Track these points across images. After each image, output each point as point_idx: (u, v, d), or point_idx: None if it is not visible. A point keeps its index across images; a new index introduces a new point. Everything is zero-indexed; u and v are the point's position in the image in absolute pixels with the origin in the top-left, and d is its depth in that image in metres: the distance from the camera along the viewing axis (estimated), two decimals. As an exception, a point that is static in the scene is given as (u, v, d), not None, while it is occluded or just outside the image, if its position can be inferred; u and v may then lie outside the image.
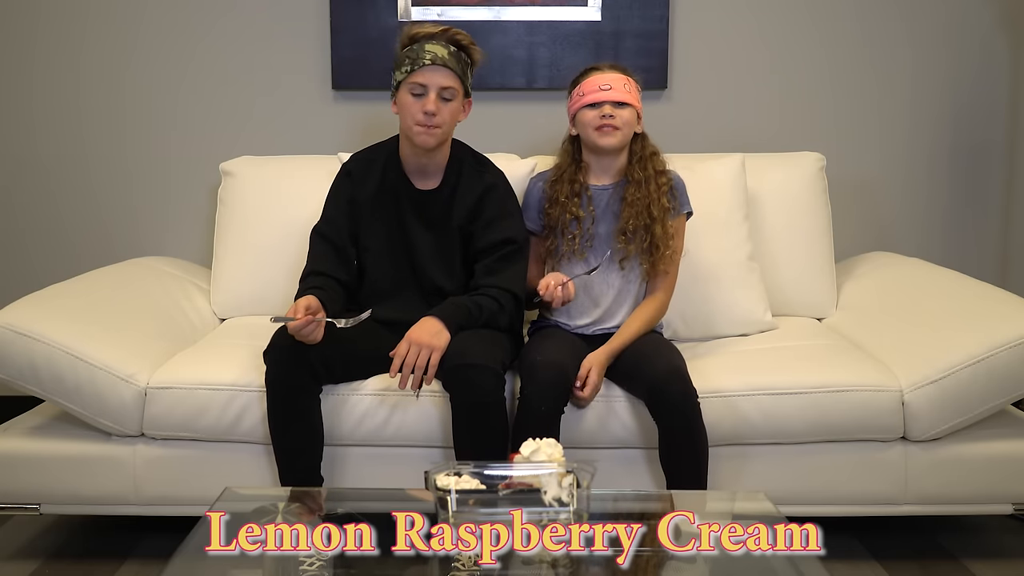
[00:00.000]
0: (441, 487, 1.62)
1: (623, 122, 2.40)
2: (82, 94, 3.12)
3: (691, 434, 2.17)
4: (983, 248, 3.20)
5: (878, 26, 3.11)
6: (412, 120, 2.31)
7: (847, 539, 2.48)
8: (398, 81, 2.33)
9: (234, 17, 3.09)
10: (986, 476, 2.34)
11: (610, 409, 2.29)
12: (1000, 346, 2.28)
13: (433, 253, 2.41)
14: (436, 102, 2.29)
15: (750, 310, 2.67)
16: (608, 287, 2.45)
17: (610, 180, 2.48)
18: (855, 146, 3.15)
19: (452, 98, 2.32)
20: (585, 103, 2.41)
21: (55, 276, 2.76)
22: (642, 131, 2.47)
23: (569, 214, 2.43)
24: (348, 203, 2.42)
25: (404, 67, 2.31)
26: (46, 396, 2.32)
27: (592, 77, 2.42)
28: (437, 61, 2.28)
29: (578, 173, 2.47)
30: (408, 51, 2.31)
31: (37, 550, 2.48)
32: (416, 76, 2.29)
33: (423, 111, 2.29)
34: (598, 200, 2.46)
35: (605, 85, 2.39)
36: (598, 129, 2.40)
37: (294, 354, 2.17)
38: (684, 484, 2.18)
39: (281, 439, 2.21)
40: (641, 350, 2.32)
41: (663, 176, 2.45)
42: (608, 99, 2.38)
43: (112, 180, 3.16)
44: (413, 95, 2.30)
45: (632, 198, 2.42)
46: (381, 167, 2.43)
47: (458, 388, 2.18)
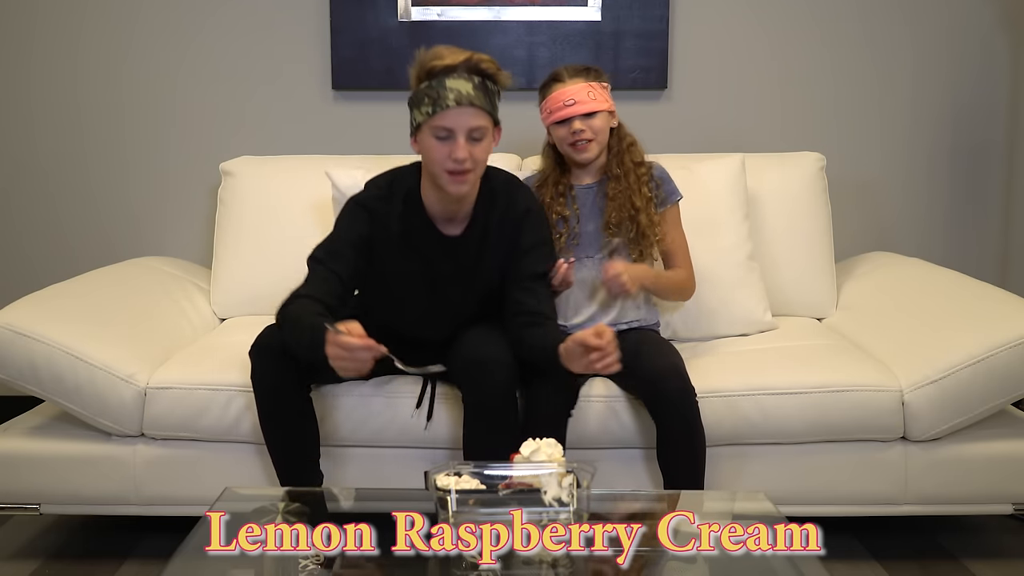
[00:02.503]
0: (441, 487, 1.62)
1: (595, 131, 2.39)
2: (81, 95, 3.12)
3: (689, 432, 2.17)
4: (983, 248, 3.20)
5: (878, 26, 3.11)
6: (440, 167, 2.07)
7: (847, 539, 2.48)
8: (418, 122, 2.07)
9: (234, 17, 3.09)
10: (986, 476, 2.33)
11: (610, 409, 2.29)
12: (1000, 346, 2.28)
13: (465, 293, 2.26)
14: (466, 147, 2.04)
15: (750, 310, 2.67)
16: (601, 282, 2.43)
17: (592, 179, 2.49)
18: (855, 146, 3.15)
19: (483, 137, 2.08)
20: (553, 120, 2.41)
21: (55, 276, 2.76)
22: (617, 124, 2.47)
23: (555, 214, 2.44)
24: (361, 241, 2.16)
25: (425, 107, 2.04)
26: (46, 396, 2.32)
27: (554, 92, 2.40)
28: (463, 101, 2.02)
29: (562, 176, 2.48)
30: (427, 88, 2.03)
31: (37, 550, 2.48)
32: (440, 119, 2.03)
33: (452, 158, 2.05)
34: (583, 199, 2.47)
35: (568, 100, 2.37)
36: (572, 145, 2.40)
37: (280, 353, 2.10)
38: (681, 483, 2.17)
39: (273, 437, 2.19)
40: (640, 347, 2.32)
41: (642, 167, 2.45)
42: (574, 113, 2.37)
43: (112, 180, 3.16)
44: (438, 139, 2.06)
45: (613, 192, 2.43)
46: (400, 210, 2.19)
47: (470, 384, 2.14)
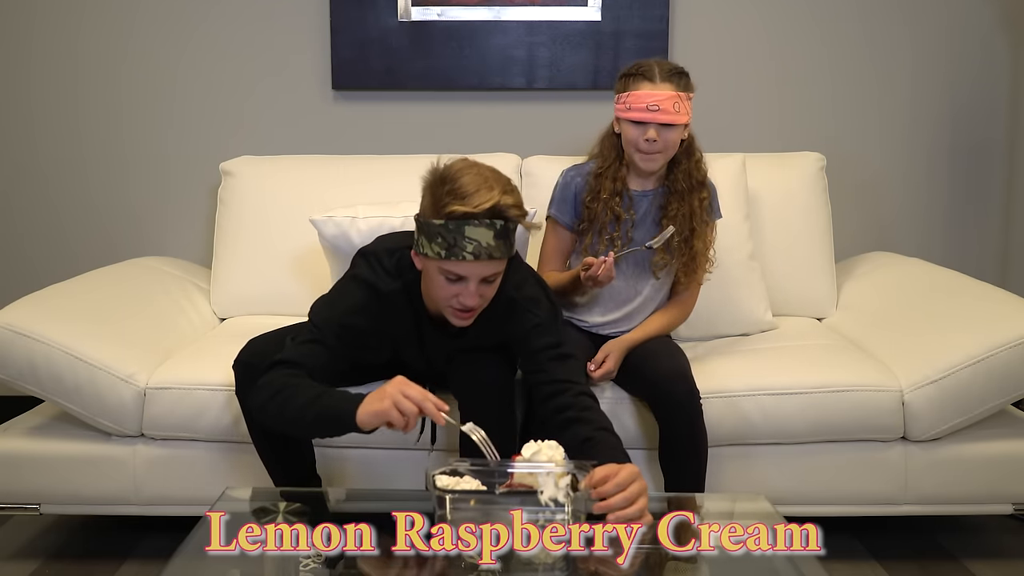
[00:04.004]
0: (441, 487, 1.62)
1: (667, 144, 2.26)
2: (81, 95, 3.12)
3: (693, 434, 2.17)
4: (983, 248, 3.20)
5: (878, 26, 3.11)
6: (445, 303, 1.92)
7: (847, 539, 2.49)
8: (426, 254, 1.86)
9: (233, 17, 3.09)
10: (986, 476, 2.34)
11: (613, 411, 2.28)
12: (1000, 346, 2.28)
13: None
14: (477, 291, 1.88)
15: (751, 310, 2.67)
16: (636, 293, 2.40)
17: (651, 186, 2.38)
18: (855, 146, 3.15)
19: (495, 280, 1.91)
20: (630, 118, 2.26)
21: (55, 276, 2.76)
22: (689, 136, 2.33)
23: (611, 212, 2.32)
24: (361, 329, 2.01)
25: (437, 247, 1.82)
26: (46, 396, 2.32)
27: (642, 90, 2.24)
28: (482, 254, 1.81)
29: (620, 170, 2.34)
30: (442, 228, 1.81)
31: (37, 550, 2.48)
32: (453, 266, 1.84)
33: (459, 301, 1.89)
34: (638, 204, 2.36)
35: (653, 105, 2.22)
36: (639, 151, 2.28)
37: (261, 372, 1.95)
38: (683, 484, 2.17)
39: (264, 448, 2.17)
40: (646, 349, 2.31)
41: (704, 189, 2.35)
42: (654, 120, 2.23)
43: (112, 180, 3.16)
44: (448, 279, 1.87)
45: (675, 212, 2.32)
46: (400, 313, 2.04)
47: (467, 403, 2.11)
